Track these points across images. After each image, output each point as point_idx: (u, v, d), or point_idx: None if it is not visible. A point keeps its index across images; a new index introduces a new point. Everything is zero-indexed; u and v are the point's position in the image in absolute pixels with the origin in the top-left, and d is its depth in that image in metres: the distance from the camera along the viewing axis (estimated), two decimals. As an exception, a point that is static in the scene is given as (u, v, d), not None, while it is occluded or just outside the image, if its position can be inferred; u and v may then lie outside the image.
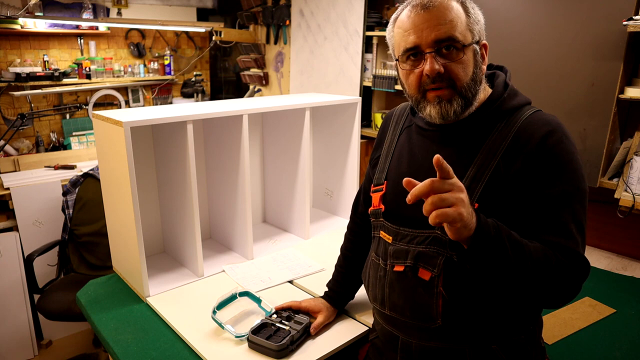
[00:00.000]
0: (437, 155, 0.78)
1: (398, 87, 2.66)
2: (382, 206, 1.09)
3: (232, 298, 1.36)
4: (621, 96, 1.85)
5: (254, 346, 1.18)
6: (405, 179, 0.82)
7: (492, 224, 0.85)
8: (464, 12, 0.95)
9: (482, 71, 0.99)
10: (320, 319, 1.26)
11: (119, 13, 3.85)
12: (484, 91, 1.02)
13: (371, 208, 1.14)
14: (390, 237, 1.05)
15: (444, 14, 0.93)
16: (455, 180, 0.80)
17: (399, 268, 1.02)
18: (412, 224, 1.01)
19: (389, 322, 1.09)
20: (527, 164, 0.92)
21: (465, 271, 0.94)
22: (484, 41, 1.00)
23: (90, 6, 3.65)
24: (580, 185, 0.93)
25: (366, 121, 2.99)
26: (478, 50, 0.97)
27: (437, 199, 0.77)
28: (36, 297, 2.46)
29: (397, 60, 1.01)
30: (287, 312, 1.28)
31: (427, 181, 0.78)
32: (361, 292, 1.35)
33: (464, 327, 0.97)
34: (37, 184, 2.66)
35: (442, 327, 0.98)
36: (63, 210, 2.52)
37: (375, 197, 1.12)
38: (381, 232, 1.09)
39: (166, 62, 4.18)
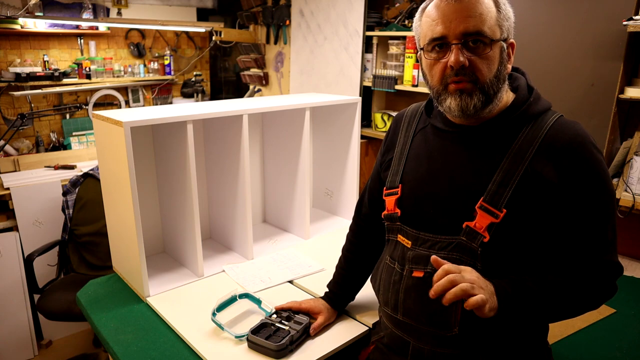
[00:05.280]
0: (433, 256, 0.87)
1: (398, 87, 2.66)
2: (398, 210, 1.07)
3: (232, 300, 1.36)
4: (621, 96, 1.85)
5: (253, 346, 1.18)
6: (432, 257, 0.87)
7: (511, 293, 0.90)
8: (495, 7, 0.93)
9: (507, 70, 0.97)
10: (320, 319, 1.26)
11: (119, 13, 3.85)
12: (507, 94, 0.99)
13: (385, 212, 1.11)
14: (410, 242, 1.03)
15: (474, 6, 0.91)
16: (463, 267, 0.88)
17: (418, 274, 0.99)
18: (432, 229, 1.00)
19: (400, 327, 1.06)
20: (562, 175, 0.91)
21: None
22: (512, 39, 0.97)
23: (90, 6, 3.65)
24: (613, 192, 0.95)
25: (366, 121, 2.99)
26: (505, 47, 0.95)
27: (454, 276, 0.84)
28: (36, 297, 2.46)
29: (421, 49, 0.99)
30: (287, 312, 1.28)
31: (444, 279, 0.84)
32: (362, 293, 1.35)
33: (480, 335, 0.96)
34: (37, 184, 2.66)
35: (457, 335, 0.95)
36: (63, 210, 2.52)
37: (390, 201, 1.09)
38: (399, 236, 1.06)
39: (166, 62, 4.18)
